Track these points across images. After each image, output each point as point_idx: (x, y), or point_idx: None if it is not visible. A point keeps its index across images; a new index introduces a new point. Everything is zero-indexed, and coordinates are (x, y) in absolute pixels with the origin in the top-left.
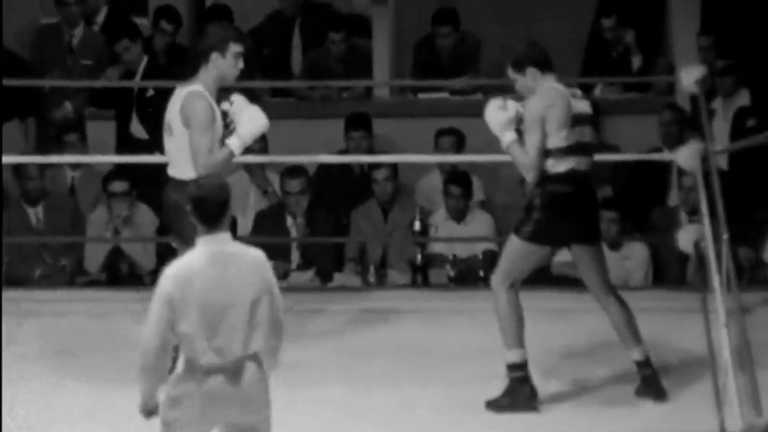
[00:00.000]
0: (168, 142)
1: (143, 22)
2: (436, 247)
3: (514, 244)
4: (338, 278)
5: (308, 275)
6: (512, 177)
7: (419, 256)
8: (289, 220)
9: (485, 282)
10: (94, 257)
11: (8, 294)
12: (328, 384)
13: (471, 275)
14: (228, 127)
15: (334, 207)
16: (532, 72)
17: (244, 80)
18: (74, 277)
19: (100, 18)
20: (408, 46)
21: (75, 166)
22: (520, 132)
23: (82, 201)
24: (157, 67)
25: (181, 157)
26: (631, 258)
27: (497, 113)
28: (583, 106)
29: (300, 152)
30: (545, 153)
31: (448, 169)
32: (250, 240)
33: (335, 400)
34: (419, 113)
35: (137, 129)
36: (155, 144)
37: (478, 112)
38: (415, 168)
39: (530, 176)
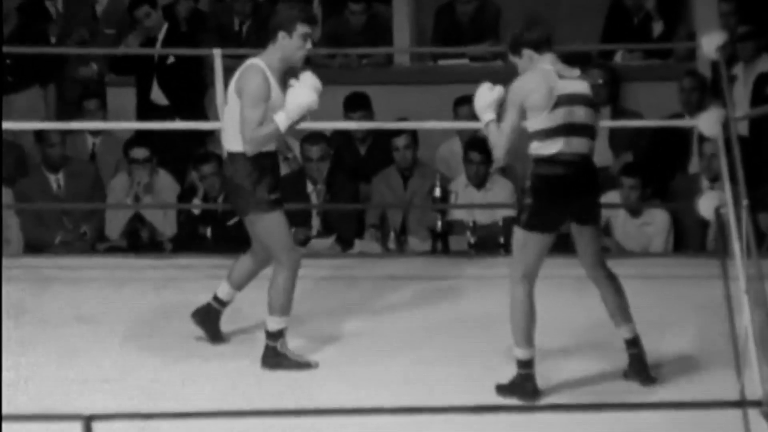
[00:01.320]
0: (224, 113)
1: None
2: (457, 214)
3: (517, 234)
4: (359, 245)
5: (329, 242)
6: None
7: (439, 223)
8: (310, 187)
9: (505, 248)
10: (115, 224)
11: (29, 260)
12: (350, 353)
13: (491, 242)
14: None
15: (355, 173)
16: (528, 54)
17: (264, 47)
18: (95, 243)
19: None
20: (428, 13)
21: (96, 133)
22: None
23: (102, 167)
24: (178, 34)
25: (232, 128)
26: (652, 224)
27: (485, 93)
28: (576, 87)
29: (319, 119)
30: (530, 135)
31: (468, 135)
32: None
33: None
34: (439, 80)
35: (158, 95)
36: (176, 110)
37: (498, 79)
38: (435, 134)
39: (498, 154)
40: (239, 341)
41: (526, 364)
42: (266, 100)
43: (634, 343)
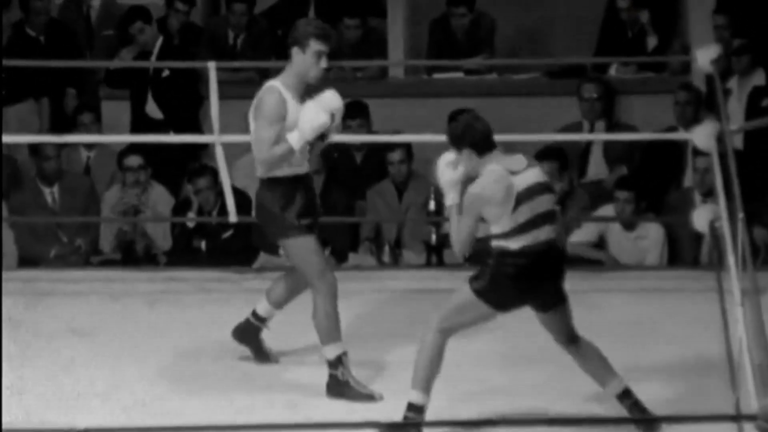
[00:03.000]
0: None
1: (157, 2)
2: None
3: (463, 293)
4: (353, 258)
5: None
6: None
7: (434, 236)
8: None
9: None
10: (110, 237)
11: (23, 274)
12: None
13: (485, 255)
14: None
15: (349, 187)
16: (468, 153)
17: (258, 60)
18: (89, 257)
19: None
20: (423, 27)
21: (90, 146)
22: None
23: (97, 181)
24: (172, 47)
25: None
26: (647, 238)
27: (446, 170)
28: (531, 177)
29: None
30: (493, 236)
31: None
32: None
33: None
34: (434, 93)
35: (152, 109)
36: (170, 124)
37: (492, 92)
38: (430, 147)
39: (456, 250)
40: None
41: (418, 410)
42: (281, 120)
43: (626, 395)
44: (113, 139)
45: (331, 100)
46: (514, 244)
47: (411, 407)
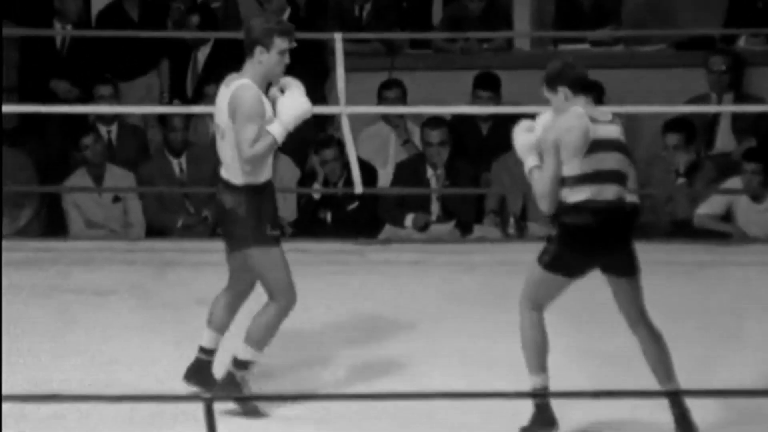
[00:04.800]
0: (220, 146)
1: None
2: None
3: (535, 270)
4: (478, 230)
5: (448, 227)
6: (655, 129)
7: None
8: (429, 171)
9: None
10: None
11: (151, 244)
12: (469, 336)
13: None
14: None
15: (475, 158)
16: (563, 91)
17: (384, 32)
18: (216, 228)
19: None
20: None
21: None
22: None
23: None
24: (298, 19)
25: (231, 158)
26: None
27: (523, 135)
28: (609, 131)
29: (439, 103)
30: (561, 181)
31: None
32: (390, 191)
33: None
34: None
35: None
36: None
37: (619, 64)
38: None
39: (542, 205)
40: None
41: (542, 391)
42: (261, 116)
43: (675, 404)
44: None
45: (299, 85)
46: (577, 195)
47: (536, 392)
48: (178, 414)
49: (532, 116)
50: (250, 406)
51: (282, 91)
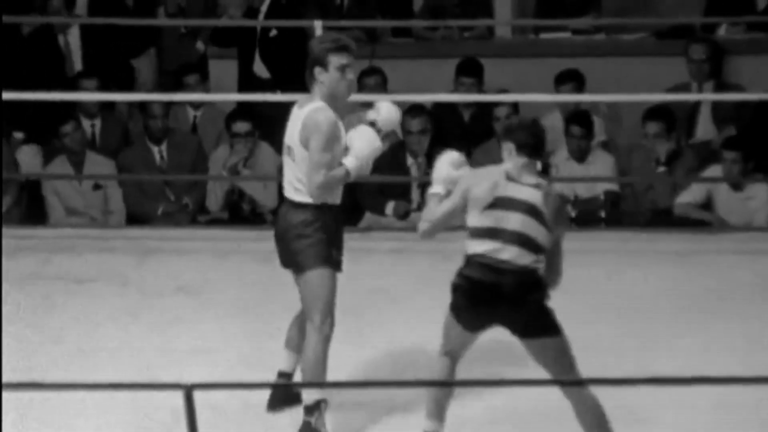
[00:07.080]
0: (288, 168)
1: None
2: (558, 188)
3: (447, 315)
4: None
5: None
6: (635, 117)
7: None
8: (410, 160)
9: (606, 223)
10: (216, 196)
11: (131, 231)
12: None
13: (592, 216)
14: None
15: (456, 145)
16: (508, 148)
17: (365, 20)
18: (196, 215)
19: None
20: None
21: (197, 105)
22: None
23: (204, 139)
24: (280, 6)
25: (302, 183)
26: (755, 198)
27: (444, 166)
28: (522, 193)
29: (420, 91)
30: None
31: (569, 109)
32: (370, 179)
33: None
34: (541, 53)
35: (260, 68)
36: (277, 83)
37: (599, 52)
38: (536, 108)
39: (422, 228)
40: None
41: None
42: (337, 141)
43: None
44: (220, 97)
45: (389, 113)
46: (474, 247)
47: None
48: (159, 402)
49: (514, 105)
50: None
51: (378, 113)
